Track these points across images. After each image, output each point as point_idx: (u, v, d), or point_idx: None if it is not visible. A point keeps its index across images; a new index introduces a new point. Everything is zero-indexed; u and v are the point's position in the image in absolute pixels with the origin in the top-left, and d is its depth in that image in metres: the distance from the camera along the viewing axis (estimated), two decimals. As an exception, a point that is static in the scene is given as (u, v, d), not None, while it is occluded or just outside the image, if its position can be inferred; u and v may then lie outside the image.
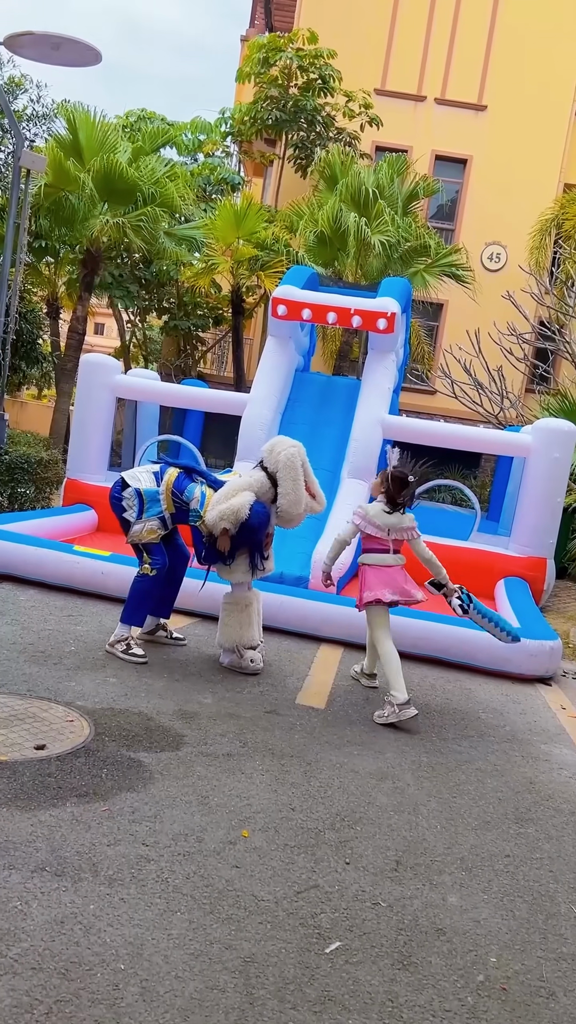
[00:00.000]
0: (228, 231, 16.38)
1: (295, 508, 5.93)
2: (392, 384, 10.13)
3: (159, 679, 5.66)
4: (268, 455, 6.05)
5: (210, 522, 5.87)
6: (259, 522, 5.86)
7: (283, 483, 5.90)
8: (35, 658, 5.74)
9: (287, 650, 6.80)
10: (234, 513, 5.80)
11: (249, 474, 6.13)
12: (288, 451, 5.96)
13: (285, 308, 10.29)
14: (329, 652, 6.94)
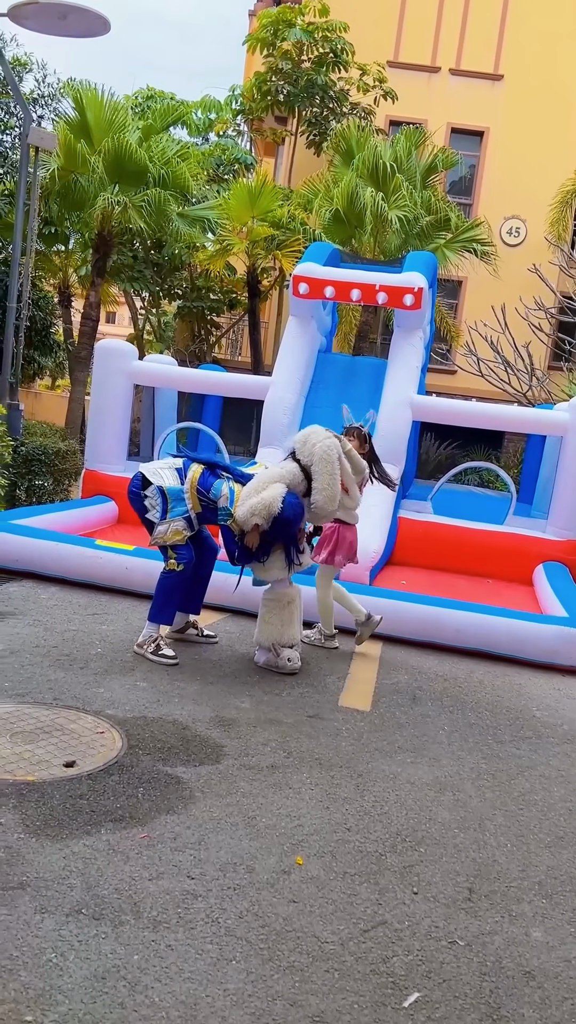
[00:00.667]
0: (242, 210, 15.95)
1: (330, 504, 5.56)
2: (420, 363, 9.71)
3: (192, 682, 5.30)
4: (302, 446, 5.66)
5: (240, 518, 5.50)
6: (293, 514, 5.48)
7: (319, 477, 5.51)
8: (60, 662, 5.39)
9: (324, 646, 6.42)
10: (266, 507, 5.42)
11: (280, 465, 5.75)
12: (324, 443, 5.57)
13: (307, 286, 9.88)
14: (369, 646, 6.56)
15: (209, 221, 16.88)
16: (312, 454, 5.57)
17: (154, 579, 6.52)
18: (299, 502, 5.55)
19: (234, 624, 6.74)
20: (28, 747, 4.15)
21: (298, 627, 5.79)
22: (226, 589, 6.47)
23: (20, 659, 5.36)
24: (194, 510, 5.70)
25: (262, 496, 5.44)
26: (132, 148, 14.57)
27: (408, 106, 19.73)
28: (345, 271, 10.11)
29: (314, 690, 5.41)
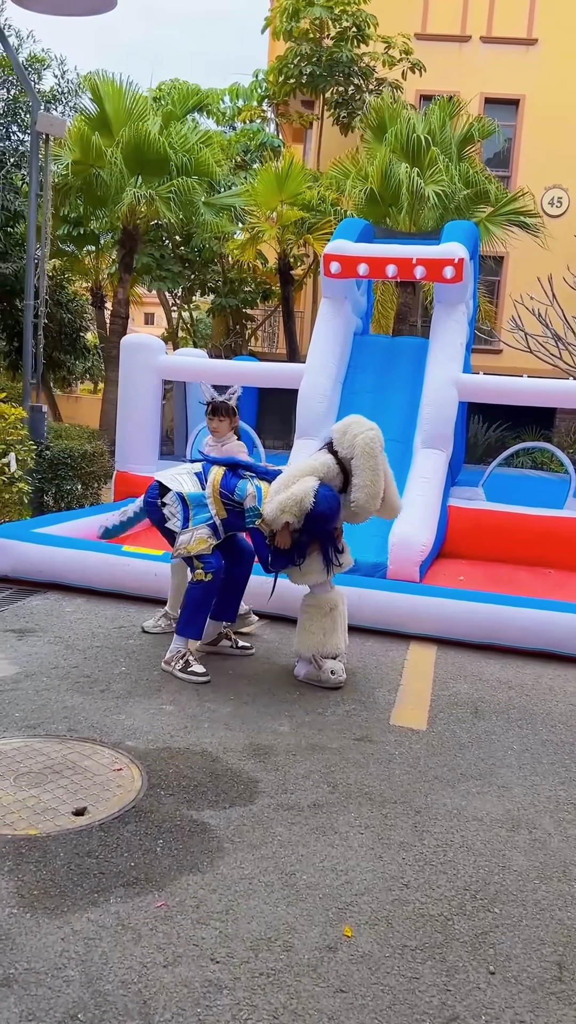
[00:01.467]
0: (270, 195, 15.37)
1: (372, 503, 4.92)
2: (464, 340, 9.02)
3: (224, 703, 4.72)
4: (340, 437, 5.01)
5: (269, 516, 4.91)
6: (328, 508, 4.86)
7: (360, 472, 4.88)
8: (79, 685, 4.86)
9: (371, 653, 5.82)
10: (297, 502, 4.81)
11: (313, 457, 5.12)
12: (366, 434, 4.91)
13: (339, 265, 9.23)
14: (421, 652, 5.93)
15: (236, 209, 16.36)
16: (353, 446, 4.93)
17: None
18: (334, 495, 4.94)
19: (272, 632, 6.15)
20: (34, 792, 3.61)
21: (342, 635, 5.18)
22: (261, 595, 5.88)
23: (36, 683, 4.84)
24: (219, 516, 5.13)
25: (292, 491, 4.85)
26: (152, 136, 14.08)
27: (438, 78, 18.94)
28: (379, 246, 9.45)
29: (362, 707, 4.80)
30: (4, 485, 8.17)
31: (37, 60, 16.60)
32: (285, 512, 4.83)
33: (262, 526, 4.99)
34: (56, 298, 17.44)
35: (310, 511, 4.81)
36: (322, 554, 5.06)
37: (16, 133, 16.12)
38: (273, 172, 15.37)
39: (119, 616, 6.32)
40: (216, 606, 5.41)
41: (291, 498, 4.82)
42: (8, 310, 17.50)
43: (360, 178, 14.82)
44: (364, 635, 6.13)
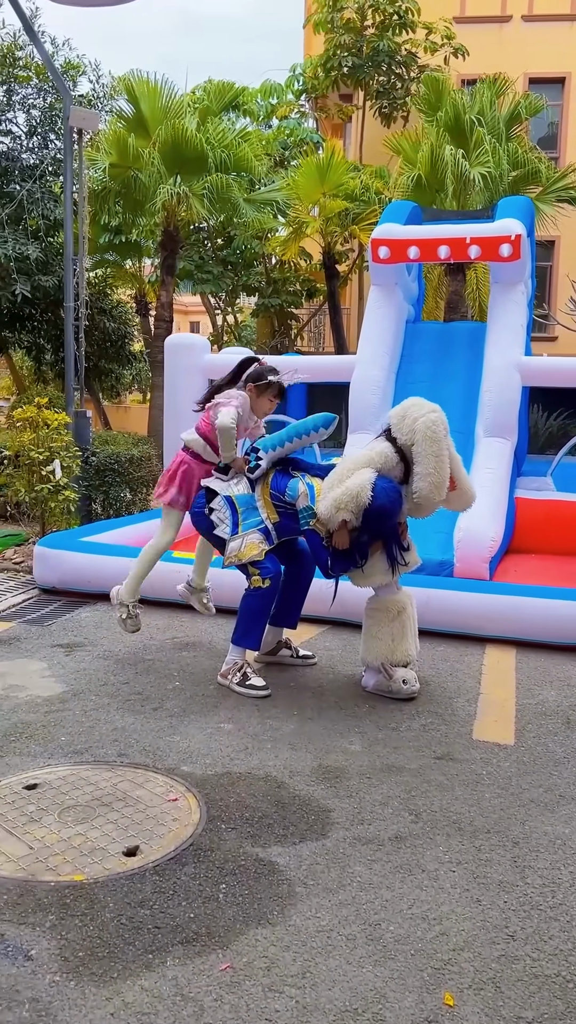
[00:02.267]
0: (312, 187, 14.95)
1: (437, 493, 4.43)
2: (524, 321, 8.50)
3: (288, 719, 4.30)
4: (399, 422, 4.55)
5: (324, 515, 4.48)
6: (389, 501, 4.40)
7: (422, 460, 4.41)
8: (130, 703, 4.48)
9: (444, 659, 5.34)
10: (353, 497, 4.36)
11: (369, 446, 4.67)
12: (427, 417, 4.44)
13: (387, 250, 8.77)
14: (499, 656, 5.44)
15: (278, 204, 15.96)
16: (413, 431, 4.47)
17: (238, 591, 5.60)
18: (394, 487, 4.47)
19: (334, 638, 5.72)
20: (81, 828, 3.22)
21: (413, 641, 4.72)
22: (321, 599, 5.44)
23: (84, 703, 4.47)
24: (271, 519, 4.72)
25: (347, 485, 4.40)
26: (189, 133, 13.72)
27: (480, 62, 18.32)
28: (429, 228, 8.97)
29: (439, 720, 4.33)
30: (50, 494, 7.87)
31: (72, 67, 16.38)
32: (341, 509, 4.39)
33: (318, 527, 4.56)
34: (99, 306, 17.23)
35: (368, 506, 4.36)
36: (386, 553, 4.61)
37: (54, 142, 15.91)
38: (314, 163, 14.96)
39: (171, 626, 5.96)
40: (276, 611, 4.99)
41: (346, 493, 4.38)
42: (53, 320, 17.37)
43: (408, 163, 14.32)
44: (434, 639, 5.67)
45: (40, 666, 5.05)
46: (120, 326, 18.99)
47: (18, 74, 14.75)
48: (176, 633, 5.79)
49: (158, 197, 13.89)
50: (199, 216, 14.59)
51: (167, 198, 13.88)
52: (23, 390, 21.71)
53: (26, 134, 16.02)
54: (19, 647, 5.41)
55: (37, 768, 3.70)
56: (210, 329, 22.61)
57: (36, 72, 15.05)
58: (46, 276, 16.34)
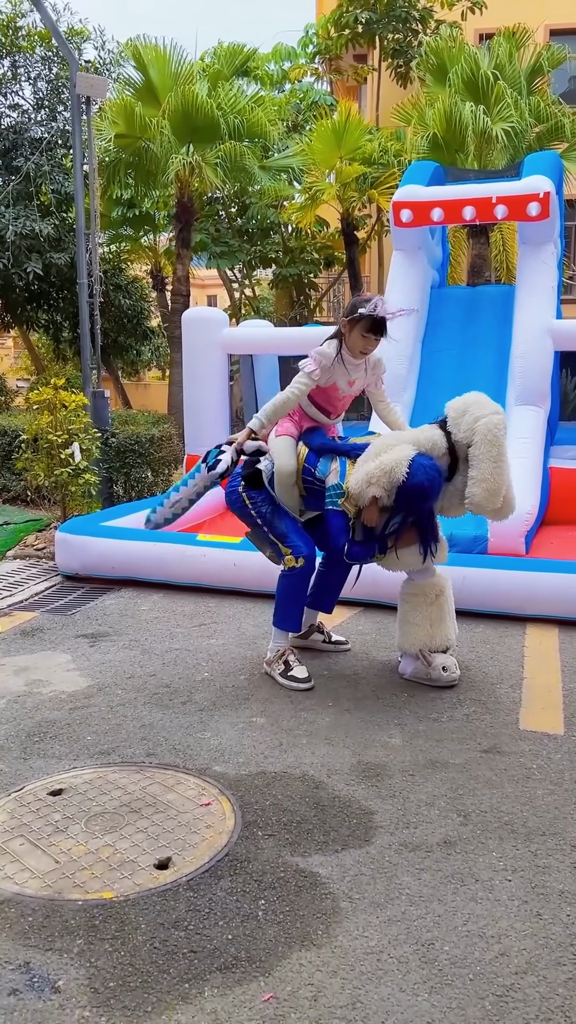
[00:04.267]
0: (328, 152, 14.58)
1: (491, 500, 4.13)
2: (554, 283, 8.18)
3: (323, 711, 4.10)
4: (458, 417, 4.23)
5: (354, 489, 4.23)
6: (428, 480, 4.12)
7: (480, 464, 4.11)
8: (158, 697, 4.31)
9: (484, 641, 5.12)
10: (387, 472, 4.11)
11: (420, 429, 4.38)
12: (491, 419, 4.14)
13: (410, 212, 8.45)
14: (541, 636, 5.21)
15: (293, 170, 15.63)
16: (473, 431, 4.15)
17: (266, 574, 5.44)
18: (434, 466, 4.20)
19: (367, 621, 5.52)
20: (109, 839, 3.05)
21: (452, 624, 4.49)
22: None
23: (110, 698, 4.31)
24: (299, 493, 4.51)
25: (382, 459, 4.16)
26: (200, 99, 13.39)
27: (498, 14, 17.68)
28: (453, 188, 8.64)
29: (483, 708, 4.12)
30: (70, 477, 7.69)
31: (76, 33, 16.06)
32: (372, 484, 4.15)
33: (346, 505, 4.32)
34: (115, 282, 16.98)
35: (403, 484, 4.11)
36: (420, 542, 4.36)
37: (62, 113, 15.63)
38: (330, 127, 14.57)
39: (198, 612, 5.78)
40: (313, 593, 4.76)
41: (380, 467, 4.13)
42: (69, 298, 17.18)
43: (421, 124, 13.90)
44: (471, 620, 5.45)
45: (64, 659, 4.89)
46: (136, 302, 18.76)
47: (20, 44, 14.42)
48: (203, 620, 5.61)
49: (170, 167, 13.64)
50: (213, 186, 14.32)
51: (179, 168, 13.62)
52: (42, 370, 21.59)
53: (33, 107, 15.74)
54: (42, 638, 5.25)
55: (62, 772, 3.53)
56: (228, 302, 22.31)
57: (40, 38, 14.73)
58: (58, 253, 16.13)
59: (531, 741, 3.74)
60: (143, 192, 15.87)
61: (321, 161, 14.90)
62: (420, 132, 13.80)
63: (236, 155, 13.88)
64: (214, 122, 13.65)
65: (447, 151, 13.67)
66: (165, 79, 13.85)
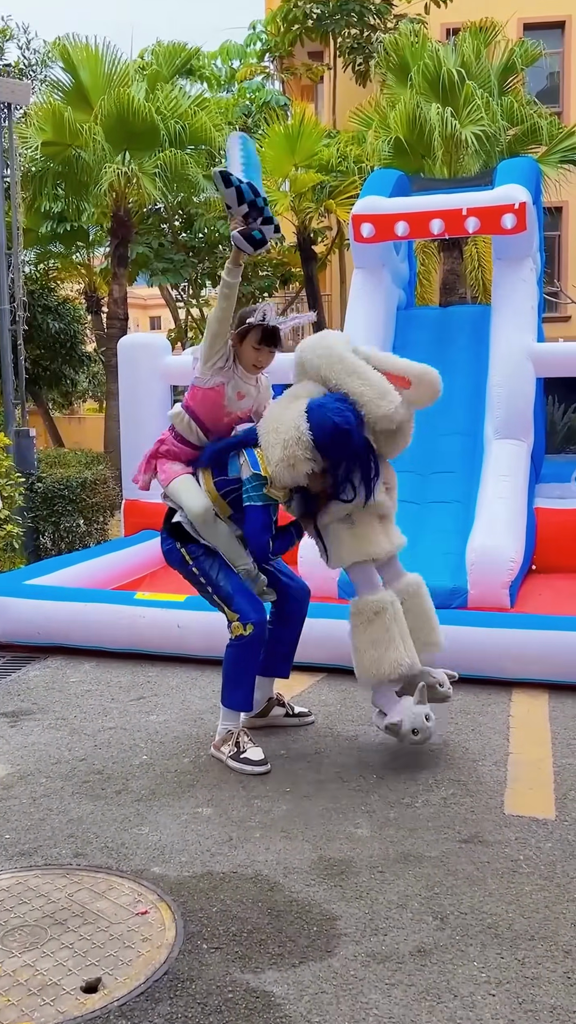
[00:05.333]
0: (281, 159, 14.91)
1: (385, 403, 4.12)
2: (535, 302, 8.30)
3: (280, 799, 4.04)
4: (300, 370, 4.39)
5: (275, 471, 4.19)
6: (337, 416, 4.09)
7: (345, 382, 4.18)
8: (88, 786, 4.22)
9: (464, 710, 5.10)
10: (296, 441, 4.09)
11: (291, 390, 4.44)
12: (316, 343, 4.33)
13: (371, 226, 8.56)
14: (529, 704, 5.21)
15: (243, 179, 15.79)
16: (315, 365, 4.28)
17: (215, 637, 5.38)
18: (331, 399, 4.19)
19: (331, 690, 5.48)
20: (29, 957, 2.95)
21: (404, 646, 4.33)
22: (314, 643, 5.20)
23: (33, 787, 4.21)
24: (223, 514, 4.46)
25: (282, 436, 4.14)
26: (137, 103, 13.59)
27: (465, 7, 18.24)
28: (419, 199, 8.77)
29: (463, 790, 4.08)
30: (-11, 529, 7.61)
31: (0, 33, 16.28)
32: (287, 456, 4.11)
33: (273, 492, 4.28)
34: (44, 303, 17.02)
35: (317, 438, 4.09)
36: (362, 484, 4.28)
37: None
38: (283, 131, 14.87)
39: (136, 683, 5.71)
40: (264, 657, 4.69)
41: (285, 438, 4.13)
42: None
43: (383, 127, 14.19)
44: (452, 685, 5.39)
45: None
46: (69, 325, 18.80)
47: None
48: (142, 692, 5.54)
49: (104, 178, 13.78)
50: (152, 197, 14.44)
51: (114, 178, 13.75)
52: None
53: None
54: (-46, 719, 5.14)
55: (-26, 879, 3.42)
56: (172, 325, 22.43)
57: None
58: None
59: (518, 828, 3.70)
60: (75, 204, 15.99)
61: (273, 169, 15.14)
62: (382, 136, 14.09)
63: (178, 163, 14.07)
64: (153, 127, 13.87)
65: (412, 156, 13.96)
66: (97, 81, 14.07)
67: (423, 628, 4.55)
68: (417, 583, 4.64)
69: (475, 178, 10.47)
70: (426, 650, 4.53)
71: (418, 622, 4.52)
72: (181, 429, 4.58)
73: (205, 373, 4.42)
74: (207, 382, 4.43)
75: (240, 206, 4.21)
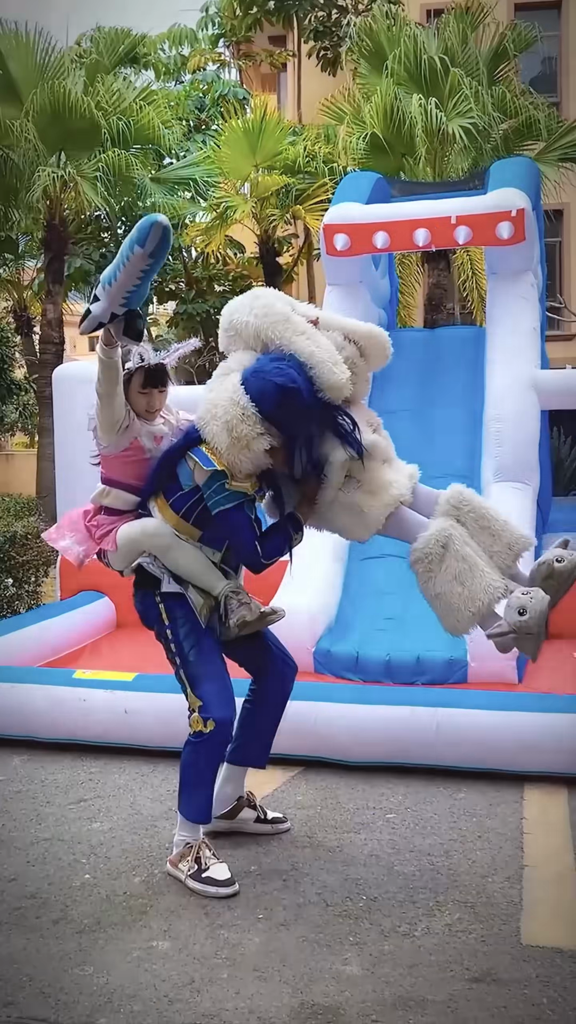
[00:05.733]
0: (240, 159, 15.12)
1: (339, 370, 4.13)
2: (536, 322, 8.34)
3: (251, 928, 3.88)
4: (233, 336, 4.37)
5: (230, 459, 4.14)
6: (278, 377, 4.05)
7: (294, 342, 4.14)
8: (19, 914, 4.07)
9: (468, 811, 4.98)
10: (240, 418, 4.06)
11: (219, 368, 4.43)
12: (247, 302, 4.32)
13: (346, 238, 8.58)
14: (544, 801, 5.11)
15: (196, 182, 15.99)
16: (255, 327, 4.24)
17: (171, 724, 5.35)
18: (268, 360, 4.16)
19: (309, 788, 5.35)
20: None
21: (490, 566, 4.24)
22: (288, 731, 5.06)
23: (-51, 919, 4.02)
24: (193, 538, 4.38)
25: (224, 420, 4.09)
26: (74, 97, 13.73)
27: (448, -14, 18.64)
28: (401, 206, 8.83)
29: (471, 914, 3.93)
30: None
31: None
32: (234, 440, 4.06)
33: (238, 485, 4.20)
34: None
35: (263, 408, 4.05)
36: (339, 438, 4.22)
37: None
38: (241, 128, 15.04)
39: (75, 782, 5.58)
40: (238, 743, 4.60)
41: (229, 422, 4.08)
42: None
43: (356, 122, 14.35)
44: (451, 781, 5.35)
45: None
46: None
47: None
48: (83, 793, 5.38)
49: (36, 182, 13.87)
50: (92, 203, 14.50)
51: (48, 183, 13.84)
52: None
53: None
54: None
55: None
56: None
57: None
58: None
59: (539, 962, 3.56)
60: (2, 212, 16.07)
61: (231, 170, 15.35)
62: (356, 132, 14.24)
63: (122, 165, 14.18)
64: (92, 124, 14.05)
65: (391, 155, 14.12)
66: (28, 73, 14.29)
67: (494, 534, 4.36)
68: (459, 492, 4.40)
69: (464, 180, 10.58)
70: (509, 557, 4.34)
71: (483, 535, 4.34)
72: (111, 503, 4.56)
73: (112, 440, 4.40)
74: (119, 447, 4.41)
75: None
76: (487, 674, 6.14)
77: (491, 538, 4.31)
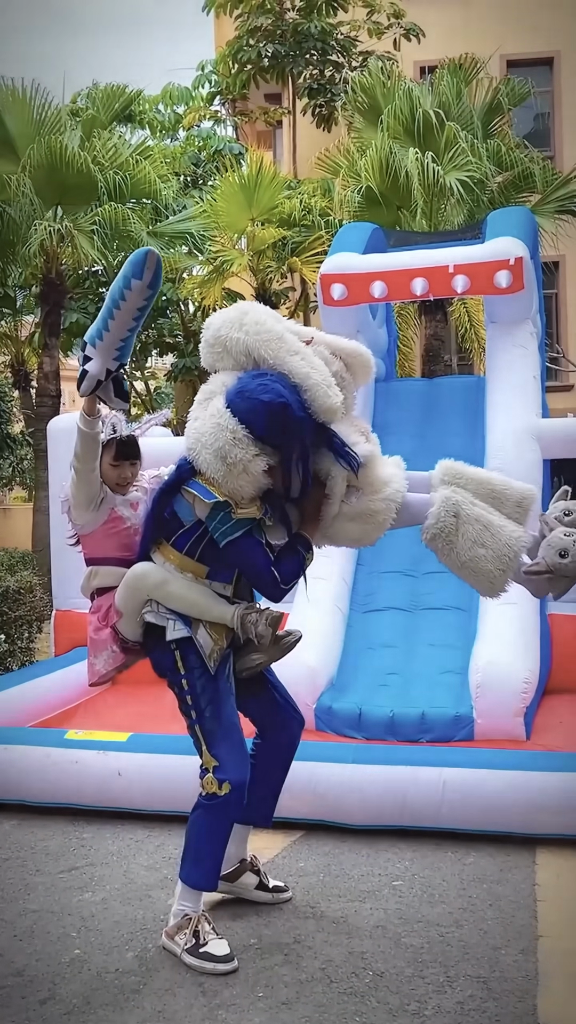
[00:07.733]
0: (237, 212, 15.24)
1: (333, 393, 4.03)
2: (537, 371, 8.25)
3: (252, 1008, 3.66)
4: (220, 352, 4.19)
5: (229, 487, 3.99)
6: (262, 393, 3.92)
7: (287, 362, 4.01)
8: (5, 994, 3.86)
9: (479, 878, 4.78)
10: (231, 440, 3.91)
11: (199, 394, 4.27)
12: (236, 317, 4.14)
13: (343, 288, 8.49)
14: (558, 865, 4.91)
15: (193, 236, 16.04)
16: (246, 345, 4.08)
17: (168, 788, 5.31)
18: (250, 379, 4.02)
19: (311, 854, 5.14)
20: None
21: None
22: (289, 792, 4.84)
23: None
24: (200, 575, 4.23)
25: (213, 446, 3.93)
26: (71, 153, 13.81)
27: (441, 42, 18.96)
28: (398, 255, 8.76)
29: (484, 988, 3.71)
30: None
31: None
32: (231, 460, 3.91)
33: (243, 511, 4.04)
34: None
35: (252, 430, 3.91)
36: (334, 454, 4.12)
37: None
38: (237, 182, 15.17)
39: (66, 849, 5.38)
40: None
41: (216, 441, 3.91)
42: None
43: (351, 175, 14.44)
44: (458, 846, 5.15)
45: None
46: (-9, 405, 18.84)
47: None
48: (74, 861, 5.17)
49: (33, 236, 13.91)
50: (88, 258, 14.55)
51: (45, 237, 13.90)
52: None
53: None
54: None
55: None
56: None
57: None
58: None
59: (558, 1043, 3.33)
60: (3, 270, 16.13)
61: (228, 224, 15.44)
62: (351, 185, 14.32)
63: (118, 219, 14.25)
64: (89, 179, 14.14)
65: (387, 208, 14.19)
66: (25, 128, 14.39)
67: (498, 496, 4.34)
68: (449, 465, 4.39)
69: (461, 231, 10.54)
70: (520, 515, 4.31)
71: (488, 499, 4.32)
72: (102, 583, 4.46)
73: (87, 518, 4.37)
74: (96, 522, 4.37)
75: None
76: (494, 731, 5.95)
77: (496, 500, 4.32)
